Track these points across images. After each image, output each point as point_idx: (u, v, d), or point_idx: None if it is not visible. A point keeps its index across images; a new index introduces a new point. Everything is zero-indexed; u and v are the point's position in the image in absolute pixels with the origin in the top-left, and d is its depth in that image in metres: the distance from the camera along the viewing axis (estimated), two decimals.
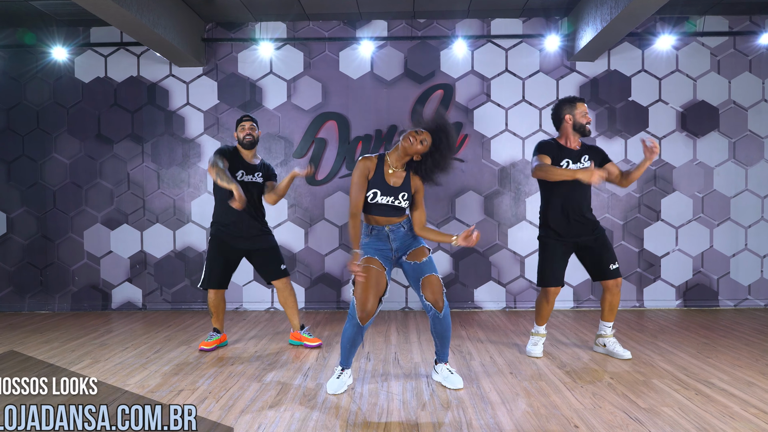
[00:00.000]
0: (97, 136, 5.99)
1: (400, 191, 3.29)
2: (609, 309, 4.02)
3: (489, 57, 5.91)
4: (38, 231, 6.03)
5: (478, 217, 5.90)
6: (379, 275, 3.23)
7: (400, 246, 3.34)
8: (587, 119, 3.89)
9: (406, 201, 3.31)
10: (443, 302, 3.26)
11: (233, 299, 5.94)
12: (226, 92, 5.95)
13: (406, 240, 3.36)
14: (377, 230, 3.33)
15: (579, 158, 3.88)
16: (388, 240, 3.33)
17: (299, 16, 5.80)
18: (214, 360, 4.00)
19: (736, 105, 5.87)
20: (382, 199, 3.26)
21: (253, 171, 4.30)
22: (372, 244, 3.32)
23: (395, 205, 3.29)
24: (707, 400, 3.06)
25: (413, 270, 3.31)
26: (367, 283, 3.19)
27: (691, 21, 5.80)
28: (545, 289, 4.00)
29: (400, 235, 3.34)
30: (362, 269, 3.19)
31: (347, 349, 3.34)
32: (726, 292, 5.89)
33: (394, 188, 3.29)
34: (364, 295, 3.18)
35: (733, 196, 5.88)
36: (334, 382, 3.32)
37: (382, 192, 3.26)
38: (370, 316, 3.21)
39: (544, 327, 4.11)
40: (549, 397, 3.13)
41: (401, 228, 3.34)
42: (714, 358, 3.92)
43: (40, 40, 5.89)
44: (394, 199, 3.27)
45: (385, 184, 3.28)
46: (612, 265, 3.91)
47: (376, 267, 3.24)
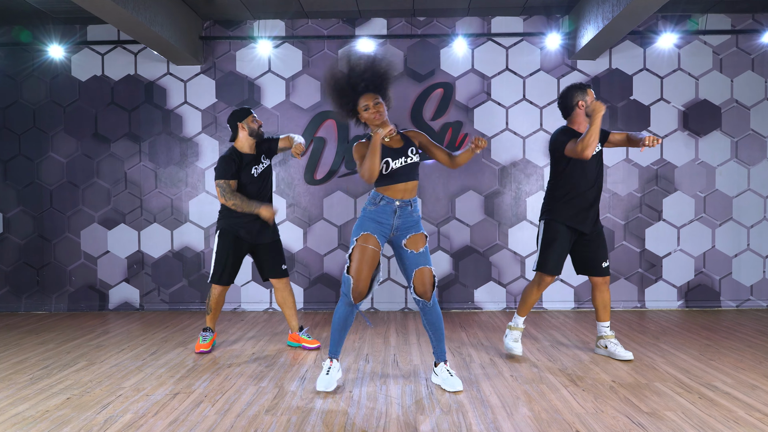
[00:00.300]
0: (94, 135, 5.93)
1: (407, 147, 3.30)
2: (603, 307, 3.97)
3: (489, 55, 5.86)
4: (35, 231, 5.98)
5: (479, 217, 5.85)
6: (374, 254, 3.23)
7: (401, 225, 3.30)
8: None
9: (416, 154, 3.32)
10: (431, 293, 3.26)
11: (231, 299, 5.89)
12: (224, 91, 5.90)
13: (409, 221, 3.32)
14: (386, 202, 3.27)
15: None
16: (393, 216, 3.27)
17: (298, 14, 5.75)
18: (211, 362, 3.95)
19: (738, 104, 5.81)
20: (396, 163, 3.25)
21: (258, 159, 4.22)
22: (374, 215, 3.27)
23: (409, 163, 3.27)
24: (711, 404, 3.01)
25: (409, 259, 3.28)
26: (362, 263, 3.20)
27: (693, 19, 5.75)
28: (542, 276, 3.90)
29: (405, 213, 3.30)
30: (359, 247, 3.21)
31: (338, 332, 3.32)
32: (728, 293, 5.84)
33: (399, 149, 3.29)
34: (358, 274, 3.19)
35: (735, 195, 5.83)
36: (323, 378, 3.30)
37: (393, 157, 3.25)
38: (362, 295, 3.23)
39: (523, 321, 4.02)
40: (550, 401, 3.08)
41: (408, 206, 3.30)
42: (717, 361, 3.87)
43: (36, 38, 5.84)
44: (406, 158, 3.27)
45: (390, 149, 3.28)
46: (604, 263, 3.90)
47: (373, 246, 3.23)
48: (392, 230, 3.31)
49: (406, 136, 3.39)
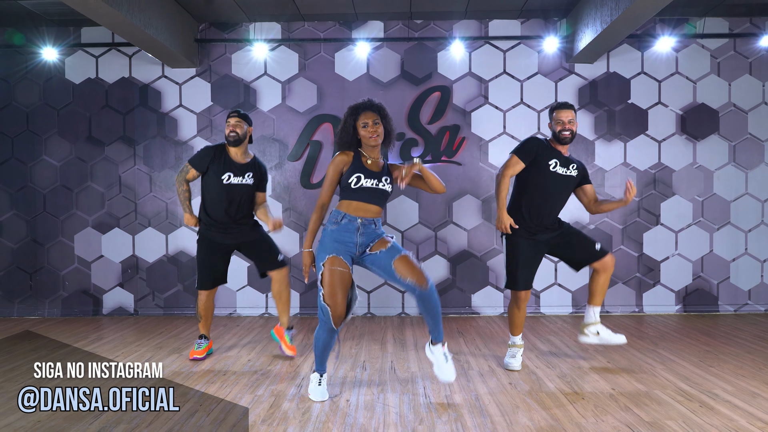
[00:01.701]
0: (88, 138, 5.87)
1: (383, 175, 3.26)
2: (600, 291, 3.85)
3: (487, 58, 5.83)
4: (28, 235, 5.91)
5: (476, 221, 5.82)
6: (343, 275, 3.12)
7: (364, 242, 3.22)
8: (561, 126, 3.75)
9: (389, 185, 3.27)
10: (425, 277, 3.14)
11: (227, 304, 5.84)
12: (219, 94, 5.85)
13: (373, 236, 3.25)
14: (348, 220, 3.19)
15: (568, 164, 3.81)
16: (356, 233, 3.19)
17: (294, 16, 5.70)
18: (206, 370, 3.90)
19: (736, 108, 5.80)
20: (367, 182, 3.20)
21: (242, 172, 4.12)
22: (336, 235, 3.17)
23: (379, 188, 3.22)
24: (712, 413, 2.98)
25: (381, 258, 3.19)
26: (334, 287, 3.08)
27: (691, 23, 5.73)
28: (515, 293, 3.85)
29: (369, 231, 3.23)
30: (327, 271, 3.09)
31: (321, 354, 3.27)
32: (726, 297, 5.82)
33: (376, 172, 3.24)
34: (333, 300, 3.08)
35: (733, 199, 5.81)
36: (316, 389, 3.28)
37: (366, 175, 3.21)
38: (342, 318, 3.13)
39: (521, 337, 3.93)
40: (550, 410, 3.05)
41: (372, 225, 3.24)
42: (716, 367, 3.85)
43: (29, 40, 5.78)
44: (378, 182, 3.22)
45: (367, 169, 3.23)
46: (596, 245, 3.80)
47: (341, 268, 3.11)
48: (357, 248, 3.20)
49: (386, 167, 3.35)
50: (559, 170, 3.76)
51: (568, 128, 3.75)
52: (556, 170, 3.75)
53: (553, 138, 3.82)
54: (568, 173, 3.79)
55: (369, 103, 3.29)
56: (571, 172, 3.80)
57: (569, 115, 3.75)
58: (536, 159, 3.74)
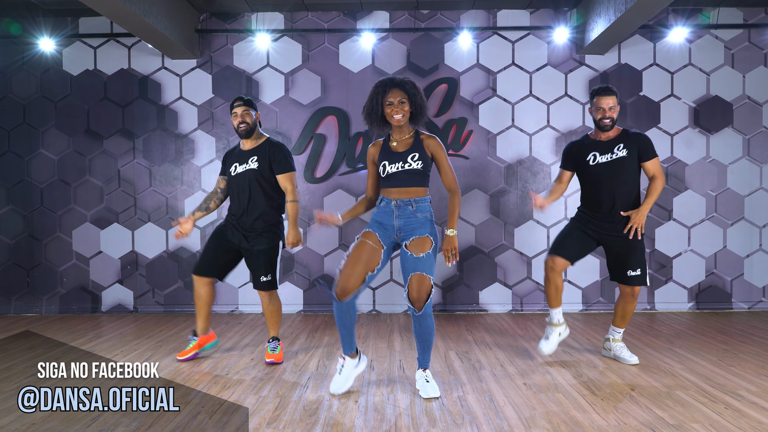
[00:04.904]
0: (86, 131, 5.73)
1: (409, 153, 3.17)
2: (621, 316, 3.87)
3: (495, 50, 5.68)
4: (25, 230, 5.77)
5: (484, 216, 5.68)
6: (373, 251, 3.13)
7: (404, 225, 3.16)
8: (601, 114, 3.70)
9: (418, 162, 3.15)
10: (424, 303, 3.06)
11: (229, 301, 5.71)
12: (221, 86, 5.70)
13: (412, 221, 3.16)
14: (386, 202, 3.21)
15: (610, 149, 3.71)
16: (393, 216, 3.17)
17: (297, 6, 5.56)
18: (208, 369, 3.77)
19: (750, 100, 5.66)
20: (392, 167, 3.16)
21: (246, 158, 3.86)
22: (378, 217, 3.24)
23: (407, 169, 3.15)
24: (739, 415, 2.85)
25: (408, 261, 3.12)
26: (357, 258, 3.11)
27: (705, 13, 5.59)
28: (547, 257, 3.84)
29: (405, 213, 3.16)
30: (357, 242, 3.18)
31: (341, 329, 3.23)
32: (739, 294, 5.68)
33: (401, 153, 3.18)
34: (351, 269, 3.09)
35: (747, 194, 5.67)
36: (336, 380, 3.25)
37: (390, 161, 3.17)
38: (348, 292, 3.09)
39: (558, 312, 3.83)
40: (569, 412, 2.91)
41: (409, 206, 3.15)
42: (737, 366, 3.71)
43: (26, 30, 5.62)
44: (404, 163, 3.15)
45: (392, 153, 3.20)
46: (631, 272, 3.71)
47: (372, 243, 3.14)
48: (395, 231, 3.18)
49: (418, 140, 3.22)
50: (601, 160, 3.73)
51: (608, 116, 3.68)
52: (597, 162, 3.74)
53: (595, 125, 3.79)
54: (613, 157, 3.70)
55: (396, 81, 3.19)
56: (618, 154, 3.69)
57: (610, 102, 3.67)
58: (577, 161, 3.83)
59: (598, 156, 3.73)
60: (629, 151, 3.68)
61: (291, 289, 5.69)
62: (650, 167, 3.71)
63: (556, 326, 3.86)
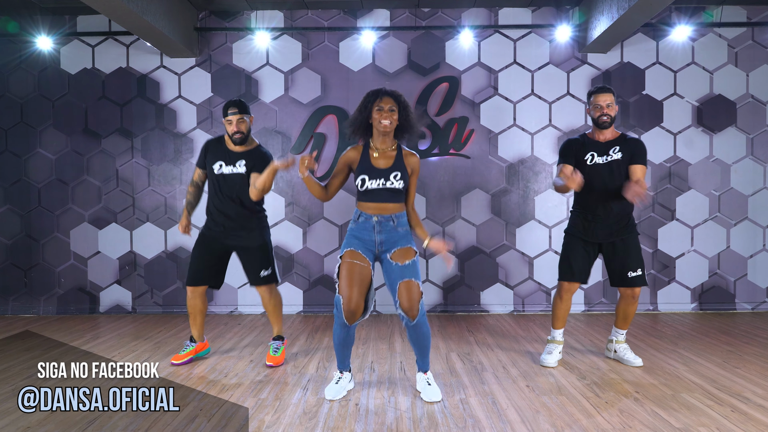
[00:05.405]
0: (84, 130, 5.68)
1: (391, 171, 3.12)
2: (622, 317, 3.86)
3: (496, 48, 5.63)
4: (22, 230, 5.72)
5: (485, 216, 5.63)
6: (363, 270, 3.07)
7: (385, 240, 3.13)
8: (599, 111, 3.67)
9: (399, 181, 3.11)
10: (417, 310, 3.01)
11: (228, 302, 5.66)
12: (220, 84, 5.65)
13: (393, 235, 3.13)
14: (365, 218, 3.14)
15: (606, 150, 3.68)
16: (374, 231, 3.12)
17: (297, 4, 5.51)
18: (206, 372, 3.72)
19: (754, 99, 5.61)
20: (372, 183, 3.09)
21: (234, 160, 3.81)
22: (356, 232, 3.16)
23: (388, 187, 3.10)
24: (746, 419, 2.80)
25: (394, 271, 3.07)
26: (351, 279, 3.03)
27: (708, 11, 5.53)
28: (559, 283, 3.84)
29: (387, 229, 3.12)
30: (344, 263, 3.08)
31: (340, 351, 3.20)
32: (743, 295, 5.64)
33: (383, 170, 3.12)
34: (348, 291, 3.01)
35: (750, 194, 5.62)
36: (332, 387, 3.19)
37: (370, 176, 3.10)
38: (356, 315, 3.03)
39: (561, 333, 3.87)
40: (573, 416, 2.86)
41: (390, 222, 3.12)
42: (742, 368, 3.66)
43: (23, 28, 5.57)
44: (385, 181, 3.10)
45: (372, 168, 3.12)
46: (631, 272, 3.68)
47: (359, 262, 3.07)
48: (376, 246, 3.14)
49: (400, 156, 3.18)
50: (598, 161, 3.69)
51: (606, 113, 3.65)
52: (594, 162, 3.69)
53: (593, 124, 3.75)
54: (609, 159, 3.67)
55: (390, 91, 3.16)
56: (614, 156, 3.66)
57: (607, 99, 3.65)
58: (576, 158, 3.75)
59: (596, 156, 3.69)
60: (624, 155, 3.66)
61: (291, 289, 5.63)
62: (637, 171, 3.64)
63: (559, 344, 3.87)
